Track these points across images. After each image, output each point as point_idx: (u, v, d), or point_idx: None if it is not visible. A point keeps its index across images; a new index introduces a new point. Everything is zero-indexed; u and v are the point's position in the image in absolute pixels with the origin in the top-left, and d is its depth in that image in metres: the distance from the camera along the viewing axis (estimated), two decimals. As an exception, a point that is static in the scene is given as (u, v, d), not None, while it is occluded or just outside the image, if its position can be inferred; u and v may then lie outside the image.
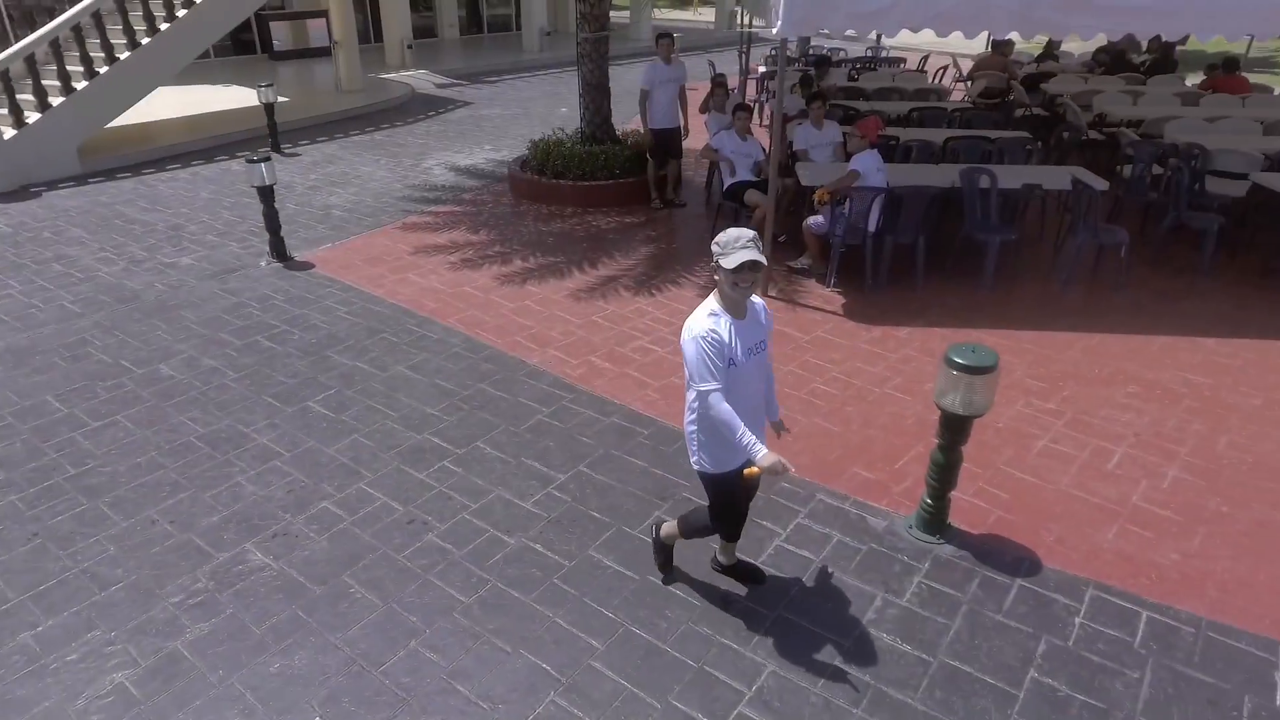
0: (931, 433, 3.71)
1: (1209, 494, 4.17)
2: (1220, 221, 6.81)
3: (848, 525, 3.94)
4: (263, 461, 4.43)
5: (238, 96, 13.94)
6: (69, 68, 9.81)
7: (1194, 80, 11.69)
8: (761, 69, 14.13)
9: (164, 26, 10.60)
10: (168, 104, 12.99)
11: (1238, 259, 7.26)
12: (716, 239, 2.82)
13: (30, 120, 9.47)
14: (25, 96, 9.62)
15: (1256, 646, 3.26)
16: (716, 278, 2.85)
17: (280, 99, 12.08)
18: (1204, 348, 5.67)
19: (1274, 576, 3.62)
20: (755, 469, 2.80)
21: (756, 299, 3.00)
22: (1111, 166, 8.49)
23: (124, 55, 10.27)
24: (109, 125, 10.54)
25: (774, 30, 5.47)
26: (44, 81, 9.64)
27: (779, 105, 6.07)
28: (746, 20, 15.05)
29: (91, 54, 10.02)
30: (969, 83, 12.46)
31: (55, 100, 9.69)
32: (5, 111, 9.40)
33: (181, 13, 10.76)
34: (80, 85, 9.88)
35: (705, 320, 2.85)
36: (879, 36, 16.71)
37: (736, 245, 2.75)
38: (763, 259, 2.76)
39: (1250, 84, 10.55)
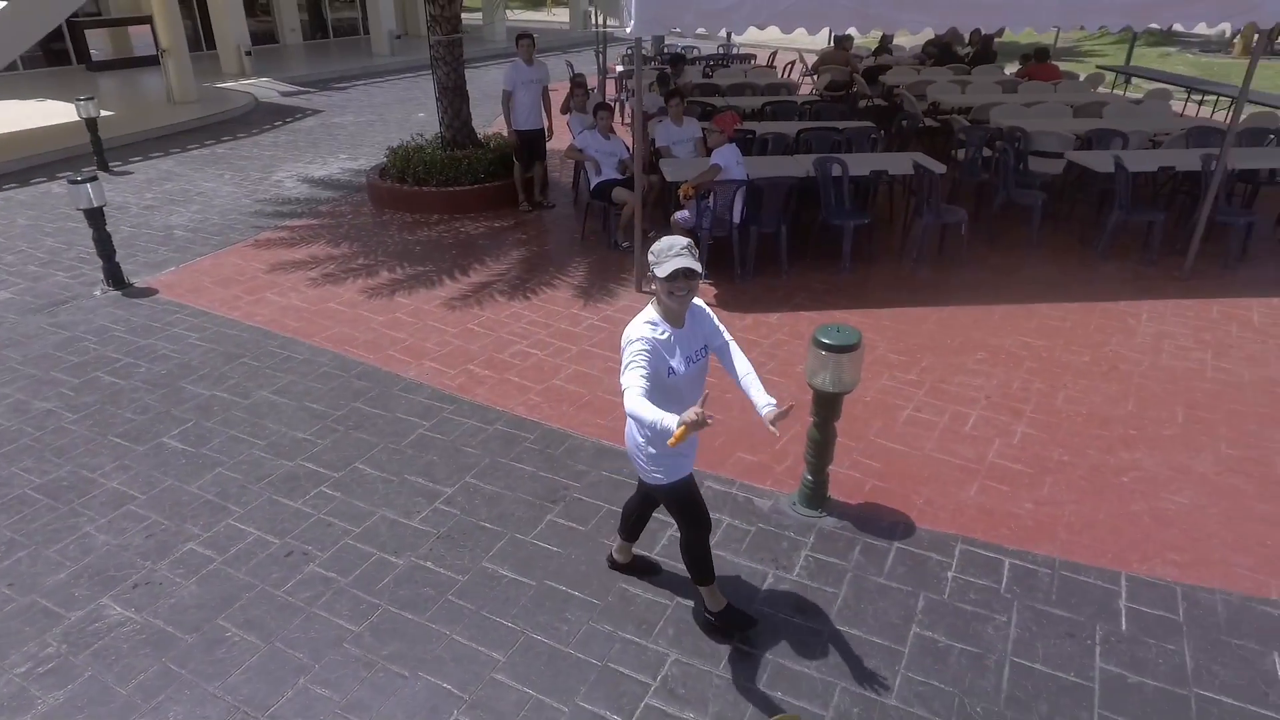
0: (807, 412, 3.88)
1: (1052, 445, 4.57)
2: (1043, 197, 7.47)
3: (736, 508, 4.06)
4: (114, 507, 4.07)
5: (53, 112, 12.70)
6: None
7: (1012, 69, 12.77)
8: (619, 68, 14.28)
9: (-44, 36, 9.52)
10: (-32, 123, 11.71)
11: (1060, 230, 8.00)
12: (651, 248, 2.75)
13: None
14: None
15: (1103, 580, 3.61)
16: (654, 287, 2.78)
17: (104, 113, 11.11)
18: (1038, 313, 6.21)
19: (1111, 515, 4.02)
20: (679, 431, 2.48)
21: (699, 301, 2.95)
22: (947, 151, 9.14)
23: (-91, 69, 9.16)
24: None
25: (628, 30, 5.54)
26: None
27: (639, 104, 6.17)
28: (601, 20, 15.14)
29: None
30: (815, 76, 13.09)
31: None
32: None
33: (-23, 21, 9.69)
34: None
35: (643, 328, 2.76)
36: (729, 34, 17.24)
37: (670, 254, 2.68)
38: (698, 266, 2.69)
39: (1060, 71, 11.64)
